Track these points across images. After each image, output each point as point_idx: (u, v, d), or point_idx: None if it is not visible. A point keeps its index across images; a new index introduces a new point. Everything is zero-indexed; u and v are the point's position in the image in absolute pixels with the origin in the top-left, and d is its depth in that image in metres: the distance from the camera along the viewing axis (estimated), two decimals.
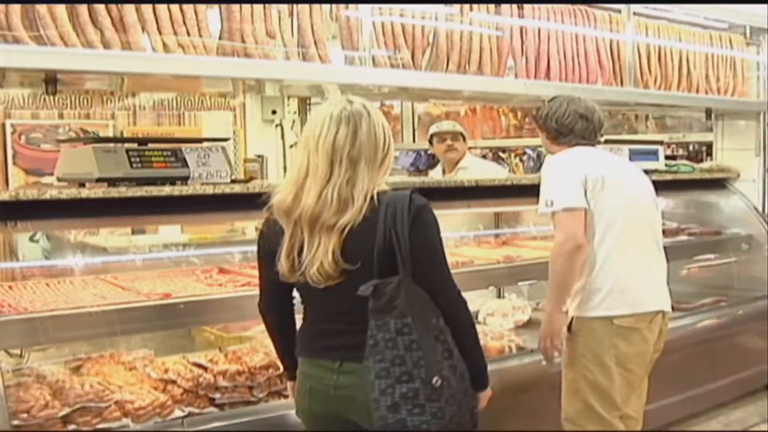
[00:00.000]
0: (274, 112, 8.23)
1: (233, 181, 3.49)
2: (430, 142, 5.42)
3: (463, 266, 3.89)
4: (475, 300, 4.83)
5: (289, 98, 7.98)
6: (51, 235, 4.19)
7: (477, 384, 2.33)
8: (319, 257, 2.22)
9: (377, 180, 2.27)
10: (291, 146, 8.78)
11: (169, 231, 5.35)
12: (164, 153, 3.36)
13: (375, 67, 3.56)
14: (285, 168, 8.36)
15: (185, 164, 3.38)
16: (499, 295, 5.01)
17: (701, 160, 6.22)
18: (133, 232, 4.93)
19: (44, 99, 6.69)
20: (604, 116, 3.47)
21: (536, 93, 3.90)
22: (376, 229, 2.21)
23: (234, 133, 7.63)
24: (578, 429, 3.27)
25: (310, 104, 8.74)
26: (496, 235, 5.01)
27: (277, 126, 8.45)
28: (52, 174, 6.14)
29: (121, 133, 7.09)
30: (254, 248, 2.47)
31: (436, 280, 2.26)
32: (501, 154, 10.75)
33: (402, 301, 2.17)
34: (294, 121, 8.85)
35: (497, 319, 4.57)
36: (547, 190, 3.23)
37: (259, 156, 7.53)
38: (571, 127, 3.35)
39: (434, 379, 2.16)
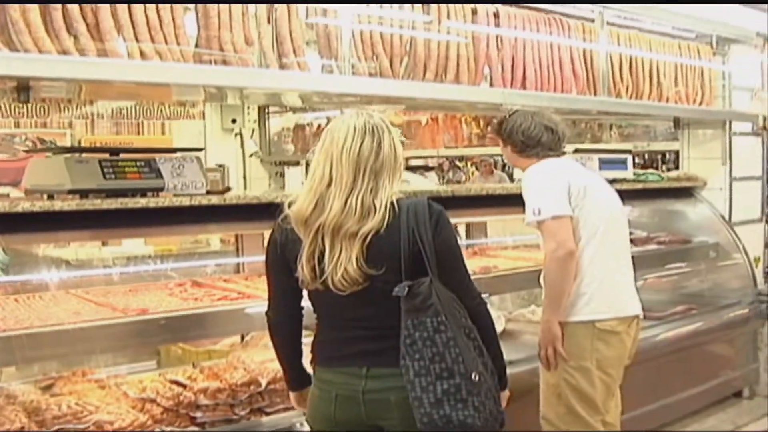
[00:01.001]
0: (233, 121, 8.15)
1: (209, 192, 3.43)
2: None
3: None
4: None
5: (249, 107, 7.92)
6: (18, 249, 4.06)
7: (500, 383, 2.41)
8: (343, 264, 2.26)
9: (394, 189, 2.35)
10: (251, 155, 8.71)
11: (138, 243, 5.26)
12: (138, 164, 3.29)
13: (355, 75, 3.51)
14: (244, 177, 8.29)
15: (159, 175, 3.32)
16: None
17: (667, 169, 6.31)
18: (103, 244, 4.83)
19: None
20: (565, 127, 3.54)
21: (513, 102, 3.89)
22: (399, 234, 2.28)
23: None
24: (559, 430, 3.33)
25: (268, 113, 8.70)
26: (467, 246, 5.00)
27: (236, 135, 8.38)
28: (7, 185, 6.01)
29: (79, 142, 6.96)
30: (228, 260, 2.48)
31: (459, 281, 2.36)
32: (458, 162, 10.80)
33: (435, 300, 2.23)
34: (253, 130, 8.78)
35: None
36: (533, 199, 3.28)
37: (220, 165, 7.46)
38: (538, 139, 3.40)
39: (473, 375, 2.23)
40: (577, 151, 4.97)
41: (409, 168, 10.43)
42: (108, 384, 3.31)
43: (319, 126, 9.08)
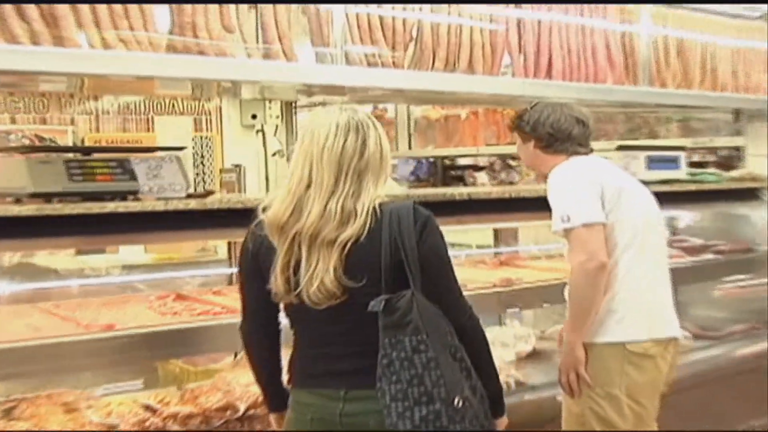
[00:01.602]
0: (254, 117, 8.14)
1: (189, 196, 3.42)
2: None
3: None
4: None
5: (270, 101, 7.92)
6: None
7: (495, 409, 2.41)
8: (320, 274, 2.26)
9: (379, 192, 2.34)
10: (273, 155, 8.72)
11: (126, 251, 5.31)
12: (109, 164, 3.29)
13: (348, 65, 3.47)
14: (267, 179, 8.31)
15: (133, 176, 3.32)
16: (500, 323, 4.92)
17: (732, 167, 6.12)
18: (80, 253, 4.87)
19: None
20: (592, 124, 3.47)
21: (536, 94, 3.81)
22: (381, 242, 2.26)
23: (208, 139, 7.57)
24: None
25: (296, 108, 8.71)
26: (495, 254, 4.92)
27: (258, 132, 8.39)
28: None
29: (82, 140, 7.04)
30: (220, 271, 2.46)
31: (447, 294, 2.35)
32: (511, 162, 10.67)
33: (416, 316, 2.22)
34: (277, 127, 8.78)
35: (496, 350, 4.46)
36: (561, 203, 3.20)
37: (236, 166, 7.47)
38: (568, 132, 3.33)
39: (456, 400, 2.21)
40: (620, 148, 4.85)
41: (456, 167, 10.37)
42: (76, 407, 3.32)
43: None
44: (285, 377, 2.55)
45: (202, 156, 7.66)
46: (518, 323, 4.76)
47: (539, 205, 3.37)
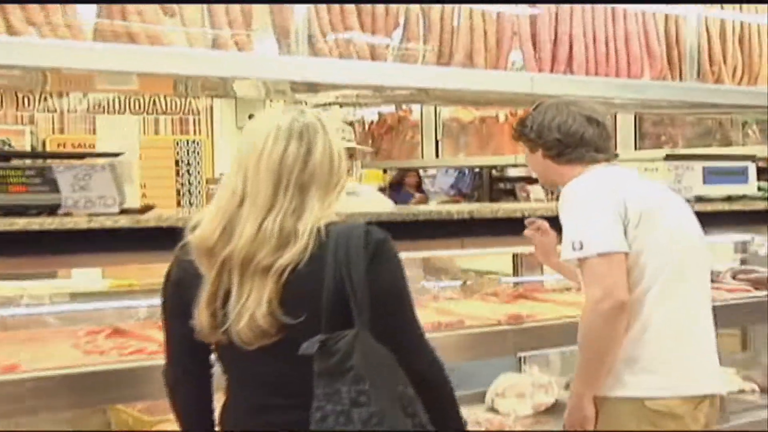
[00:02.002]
0: (251, 117, 8.25)
1: (123, 212, 3.44)
2: None
3: (445, 329, 3.79)
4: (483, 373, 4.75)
5: (271, 99, 8.00)
6: None
7: None
8: (250, 308, 2.24)
9: (327, 210, 2.33)
10: None
11: (80, 276, 5.35)
12: (26, 173, 3.33)
13: (315, 56, 3.48)
14: None
15: (55, 188, 3.35)
16: (520, 368, 4.89)
17: None
18: (19, 278, 4.92)
19: None
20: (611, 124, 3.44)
21: (548, 91, 3.77)
22: (324, 271, 2.24)
23: (196, 143, 7.67)
24: None
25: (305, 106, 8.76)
26: (515, 285, 4.89)
27: None
28: None
29: (43, 142, 7.16)
30: None
31: (402, 335, 2.34)
32: None
33: (358, 362, 2.18)
34: None
35: (510, 401, 4.48)
36: (573, 227, 3.14)
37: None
38: (580, 135, 3.27)
39: None
40: (669, 157, 4.79)
41: (506, 179, 10.30)
42: None
43: (372, 122, 9.13)
44: None
45: (188, 163, 7.75)
46: (537, 369, 4.72)
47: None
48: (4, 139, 6.89)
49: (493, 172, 9.66)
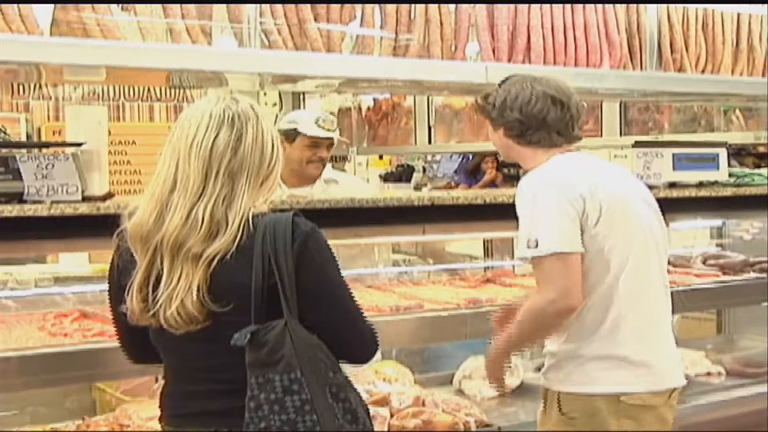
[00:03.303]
0: None
1: (85, 199, 3.56)
2: (289, 140, 4.78)
3: (405, 311, 3.89)
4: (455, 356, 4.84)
5: (264, 89, 8.09)
6: None
7: None
8: (180, 294, 2.30)
9: (258, 200, 2.39)
10: None
11: (67, 261, 5.49)
12: None
13: (269, 48, 3.58)
14: None
15: (18, 176, 3.46)
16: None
17: None
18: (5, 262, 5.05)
19: None
20: (581, 104, 3.32)
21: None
22: (252, 262, 2.30)
23: None
24: None
25: (303, 95, 8.83)
26: (485, 270, 4.97)
27: None
28: None
29: (38, 130, 7.30)
30: None
31: (338, 324, 2.41)
32: None
33: (289, 351, 2.25)
34: (277, 116, 8.96)
35: (477, 383, 4.51)
36: (528, 224, 3.09)
37: None
38: (542, 117, 3.20)
39: None
40: (637, 144, 4.84)
41: (510, 165, 10.34)
42: None
43: (368, 108, 9.19)
44: None
45: None
46: None
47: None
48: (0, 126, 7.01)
49: (498, 158, 9.68)
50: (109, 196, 3.69)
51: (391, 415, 3.85)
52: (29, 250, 3.89)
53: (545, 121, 3.20)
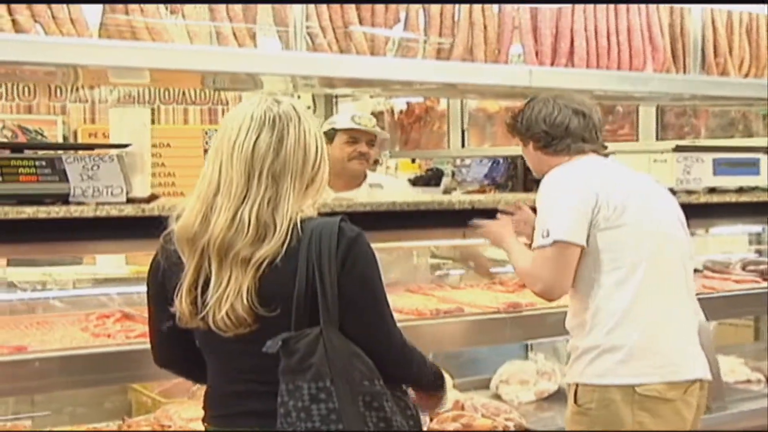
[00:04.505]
0: None
1: (130, 201, 3.57)
2: (329, 141, 4.80)
3: (445, 315, 3.89)
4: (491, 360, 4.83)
5: (299, 96, 8.11)
6: None
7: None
8: (230, 298, 2.30)
9: (305, 203, 2.38)
10: None
11: (104, 262, 5.52)
12: (36, 163, 3.46)
13: (314, 51, 3.59)
14: None
15: (64, 178, 3.48)
16: (527, 356, 4.97)
17: None
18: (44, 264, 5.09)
19: None
20: (601, 117, 3.53)
21: (546, 85, 3.86)
22: (297, 267, 2.30)
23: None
24: None
25: (336, 98, 8.82)
26: None
27: None
28: None
29: (75, 132, 7.33)
30: None
31: (375, 335, 2.40)
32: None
33: (319, 359, 2.25)
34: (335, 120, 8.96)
35: (514, 387, 4.54)
36: (543, 216, 3.29)
37: None
38: (565, 126, 3.41)
39: None
40: (677, 149, 4.83)
41: None
42: None
43: (401, 112, 9.17)
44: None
45: None
46: (543, 357, 4.79)
47: None
48: (36, 128, 7.05)
49: None
50: (153, 197, 3.71)
51: (431, 419, 3.84)
52: (74, 252, 3.91)
53: (568, 129, 3.41)
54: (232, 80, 4.24)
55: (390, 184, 5.38)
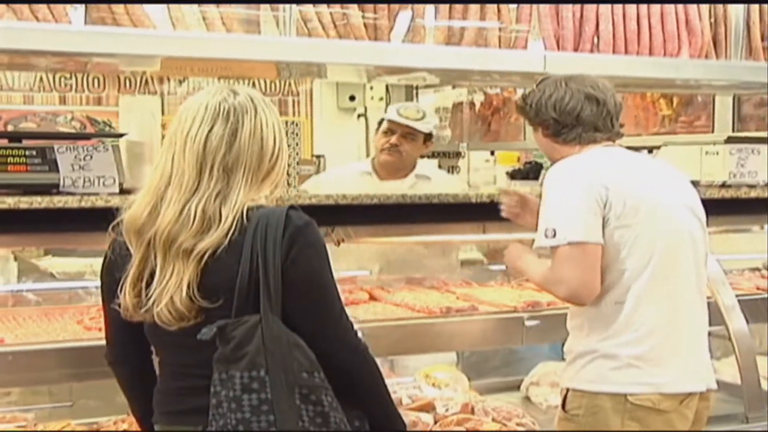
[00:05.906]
0: (352, 98, 8.30)
1: (123, 191, 3.49)
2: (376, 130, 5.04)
3: (455, 314, 3.75)
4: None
5: (370, 81, 8.02)
6: None
7: None
8: (170, 290, 2.27)
9: (259, 194, 2.35)
10: None
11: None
12: (27, 153, 3.42)
13: (304, 35, 3.45)
14: None
15: (54, 167, 3.43)
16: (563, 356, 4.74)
17: None
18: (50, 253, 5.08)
19: (41, 79, 7.00)
20: (620, 100, 3.25)
21: (562, 71, 3.59)
22: (241, 256, 2.25)
23: (295, 125, 7.73)
24: None
25: (416, 88, 8.69)
26: None
27: (360, 116, 8.50)
28: None
29: None
30: None
31: (322, 323, 2.33)
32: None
33: (255, 348, 2.20)
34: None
35: (544, 389, 4.36)
36: (547, 214, 3.07)
37: (317, 156, 7.59)
38: (577, 114, 3.15)
39: None
40: (730, 140, 4.55)
41: None
42: None
43: (481, 104, 8.98)
44: None
45: (287, 145, 7.80)
46: None
47: None
48: (105, 120, 7.08)
49: None
50: None
51: (435, 422, 3.67)
52: (59, 243, 3.85)
53: (580, 118, 3.16)
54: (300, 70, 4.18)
55: (439, 176, 5.24)
